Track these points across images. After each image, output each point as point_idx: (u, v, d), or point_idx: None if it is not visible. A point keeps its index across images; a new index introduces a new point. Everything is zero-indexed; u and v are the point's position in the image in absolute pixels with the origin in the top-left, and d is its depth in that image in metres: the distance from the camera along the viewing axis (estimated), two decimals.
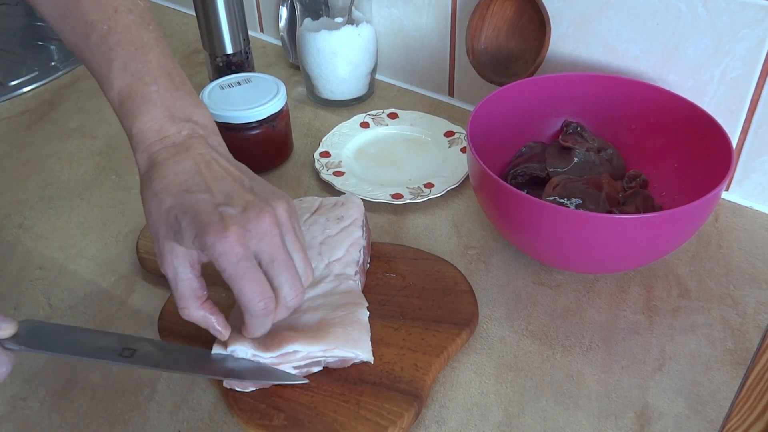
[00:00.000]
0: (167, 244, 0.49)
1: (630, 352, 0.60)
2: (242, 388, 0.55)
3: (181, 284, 0.50)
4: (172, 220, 0.48)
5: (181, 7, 1.23)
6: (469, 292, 0.64)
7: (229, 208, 0.48)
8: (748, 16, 0.67)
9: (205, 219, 0.47)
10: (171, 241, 0.49)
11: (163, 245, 0.49)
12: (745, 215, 0.74)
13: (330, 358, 0.55)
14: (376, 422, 0.53)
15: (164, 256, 0.49)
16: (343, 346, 0.54)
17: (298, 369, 0.55)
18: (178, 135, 0.51)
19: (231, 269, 0.47)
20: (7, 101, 0.99)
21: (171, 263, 0.49)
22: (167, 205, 0.48)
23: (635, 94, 0.72)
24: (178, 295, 0.50)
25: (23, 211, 0.79)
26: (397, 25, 0.94)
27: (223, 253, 0.46)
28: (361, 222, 0.64)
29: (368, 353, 0.55)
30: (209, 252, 0.46)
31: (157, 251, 0.50)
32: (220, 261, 0.46)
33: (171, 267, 0.49)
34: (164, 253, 0.49)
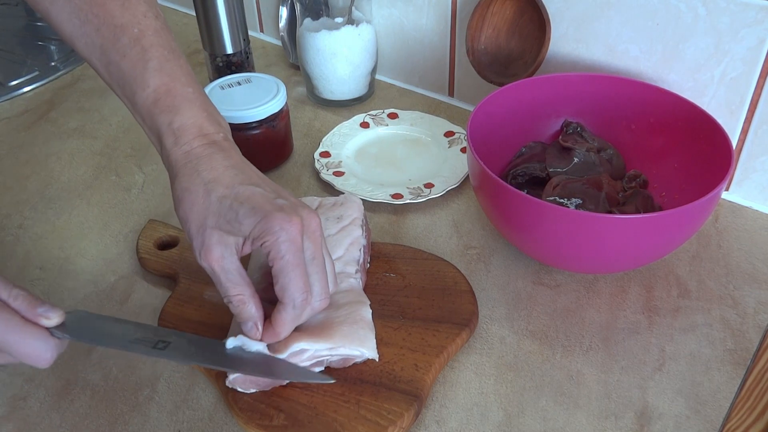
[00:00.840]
0: (215, 234, 0.49)
1: (630, 352, 0.60)
2: (244, 389, 0.55)
3: (232, 273, 0.50)
4: (225, 208, 0.49)
5: (181, 7, 1.23)
6: (469, 291, 0.64)
7: (284, 201, 0.50)
8: (748, 16, 0.67)
9: (267, 207, 0.49)
10: (219, 231, 0.50)
11: (210, 235, 0.50)
12: (745, 215, 0.74)
13: (334, 357, 0.55)
14: (376, 422, 0.53)
15: (211, 246, 0.49)
16: (350, 344, 0.54)
17: None
18: (216, 135, 0.53)
19: (289, 256, 0.49)
20: (7, 101, 0.99)
21: (220, 253, 0.50)
22: (220, 194, 0.50)
23: (635, 94, 0.72)
24: (232, 283, 0.50)
25: (23, 211, 0.79)
26: (397, 25, 0.94)
27: (286, 241, 0.48)
28: (360, 221, 0.64)
29: (373, 351, 0.55)
30: (270, 238, 0.48)
31: (200, 242, 0.50)
32: (282, 247, 0.48)
33: (220, 256, 0.50)
34: (211, 243, 0.49)
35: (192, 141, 0.52)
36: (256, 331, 0.52)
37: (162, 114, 0.52)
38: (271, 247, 0.49)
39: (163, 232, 0.72)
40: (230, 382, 0.54)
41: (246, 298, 0.51)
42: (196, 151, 0.52)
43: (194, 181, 0.51)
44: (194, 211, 0.50)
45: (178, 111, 0.52)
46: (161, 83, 0.53)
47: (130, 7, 0.54)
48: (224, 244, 0.50)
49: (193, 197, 0.50)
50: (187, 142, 0.52)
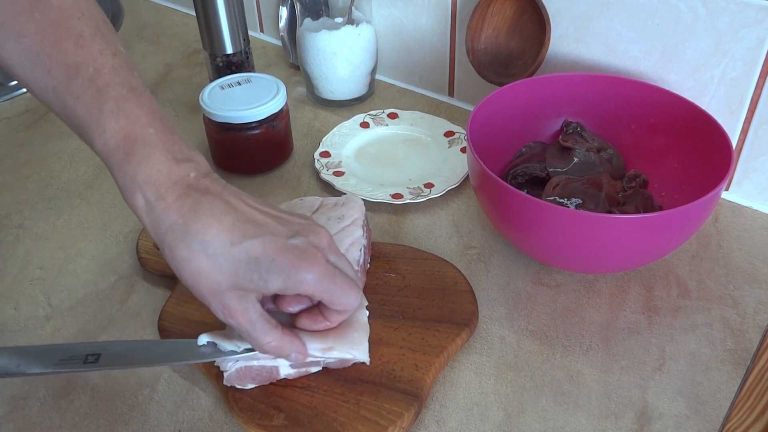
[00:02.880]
0: (234, 294, 0.48)
1: (630, 352, 0.60)
2: (242, 385, 0.55)
3: (260, 323, 0.49)
4: (241, 271, 0.47)
5: (181, 7, 1.23)
6: (468, 291, 0.64)
7: (297, 239, 0.49)
8: (748, 16, 0.67)
9: (286, 259, 0.47)
10: (238, 291, 0.48)
11: (229, 297, 0.47)
12: (745, 215, 0.74)
13: (329, 359, 0.55)
14: (376, 422, 0.53)
15: (233, 307, 0.48)
16: (341, 346, 0.54)
17: (296, 369, 0.55)
18: (188, 177, 0.48)
19: (331, 286, 0.49)
20: (7, 101, 0.99)
21: (246, 310, 0.48)
22: (229, 258, 0.46)
23: (635, 94, 0.72)
24: (262, 333, 0.49)
25: (23, 211, 0.79)
26: (397, 25, 0.94)
27: (321, 278, 0.48)
28: (361, 222, 0.64)
29: (365, 354, 0.55)
30: (307, 288, 0.48)
31: (219, 305, 0.48)
32: (321, 286, 0.49)
33: (244, 312, 0.48)
34: (232, 305, 0.48)
35: (165, 195, 0.47)
36: (302, 356, 0.53)
37: (123, 164, 0.47)
38: (312, 292, 0.49)
39: None
40: (227, 380, 0.54)
41: (278, 341, 0.50)
42: (174, 207, 0.46)
43: (190, 247, 0.46)
44: (203, 278, 0.47)
45: (140, 161, 0.47)
46: (119, 127, 0.47)
47: (85, 45, 0.48)
48: (246, 300, 0.48)
49: (196, 265, 0.47)
50: (161, 197, 0.47)
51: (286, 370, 0.55)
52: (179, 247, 0.47)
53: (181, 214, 0.46)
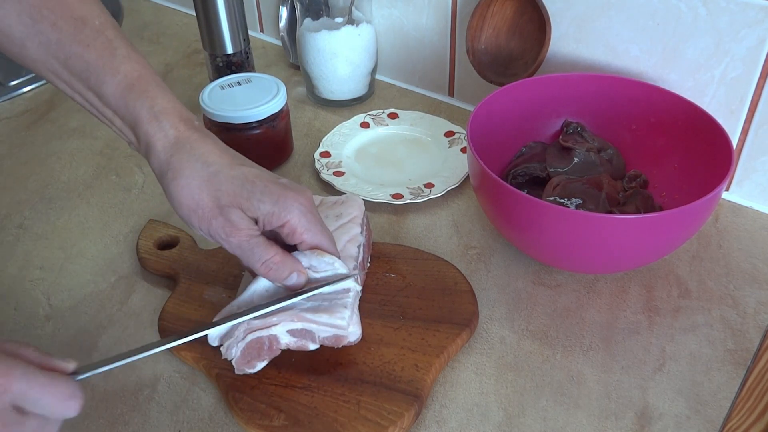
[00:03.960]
0: (235, 211, 0.51)
1: (630, 352, 0.60)
2: (252, 368, 0.55)
3: (262, 240, 0.52)
4: (238, 187, 0.51)
5: (181, 7, 1.23)
6: (469, 292, 0.64)
7: (285, 181, 0.54)
8: (748, 16, 0.67)
9: (276, 188, 0.52)
10: (237, 209, 0.52)
11: (231, 212, 0.51)
12: (745, 215, 0.74)
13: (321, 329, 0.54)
14: (376, 422, 0.53)
15: (237, 223, 0.51)
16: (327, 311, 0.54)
17: (293, 336, 0.55)
18: (195, 121, 0.54)
19: (312, 226, 0.53)
20: (7, 101, 0.99)
21: (248, 227, 0.52)
22: (228, 174, 0.51)
23: (635, 94, 0.72)
24: (264, 250, 0.52)
25: (23, 211, 0.79)
26: (397, 25, 0.94)
27: (306, 213, 0.53)
28: (360, 220, 0.64)
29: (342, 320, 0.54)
30: (292, 216, 0.52)
31: (222, 222, 0.51)
32: (304, 220, 0.53)
33: (249, 231, 0.52)
34: (236, 220, 0.51)
35: (177, 124, 0.52)
36: (303, 275, 0.54)
37: (139, 99, 0.52)
38: (296, 224, 0.52)
39: (163, 232, 0.72)
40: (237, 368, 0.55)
41: (281, 256, 0.53)
42: (185, 135, 0.52)
43: (194, 165, 0.51)
44: (205, 195, 0.51)
45: (156, 95, 0.52)
46: (132, 69, 0.52)
47: (87, 2, 0.53)
48: (246, 219, 0.52)
49: (199, 182, 0.51)
50: (172, 125, 0.52)
51: (286, 339, 0.55)
52: (185, 167, 0.51)
53: (189, 141, 0.52)
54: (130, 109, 0.52)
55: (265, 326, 0.54)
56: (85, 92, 0.53)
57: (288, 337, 0.55)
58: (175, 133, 0.52)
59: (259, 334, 0.54)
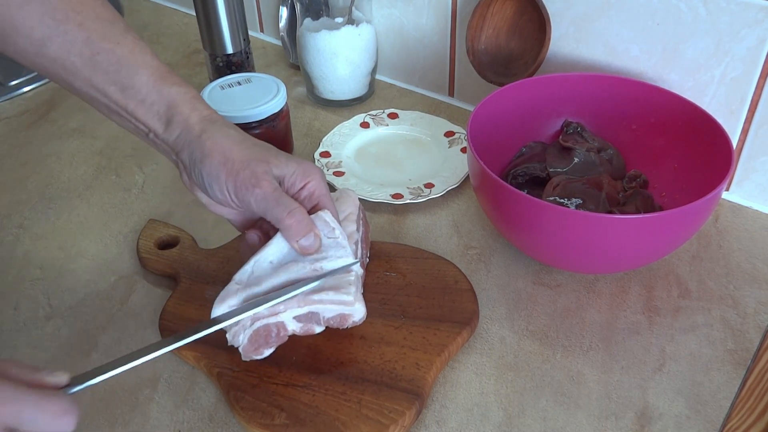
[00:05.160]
0: (261, 165, 0.55)
1: (630, 352, 0.60)
2: (259, 354, 0.55)
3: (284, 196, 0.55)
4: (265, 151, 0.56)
5: (181, 7, 1.23)
6: (469, 290, 0.64)
7: None
8: (748, 16, 0.67)
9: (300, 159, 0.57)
10: (265, 163, 0.55)
11: (257, 166, 0.55)
12: (745, 215, 0.74)
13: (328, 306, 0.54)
14: (377, 421, 0.53)
15: (262, 175, 0.54)
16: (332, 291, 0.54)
17: (300, 322, 0.55)
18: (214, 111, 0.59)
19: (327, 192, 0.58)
20: (7, 101, 0.99)
21: (271, 181, 0.55)
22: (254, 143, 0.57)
23: (635, 94, 0.72)
24: (287, 201, 0.54)
25: (23, 211, 0.79)
26: (397, 25, 0.94)
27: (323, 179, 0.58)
28: (355, 216, 0.64)
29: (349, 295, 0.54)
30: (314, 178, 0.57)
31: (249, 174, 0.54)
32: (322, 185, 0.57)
33: (272, 184, 0.55)
34: (260, 173, 0.55)
35: (209, 108, 0.57)
36: (317, 239, 0.56)
37: (174, 86, 0.56)
38: (315, 187, 0.57)
39: (163, 232, 0.72)
40: (244, 355, 0.55)
41: (302, 212, 0.55)
42: (217, 116, 0.57)
43: (227, 131, 0.56)
44: (236, 151, 0.55)
45: (187, 86, 0.57)
46: (160, 65, 0.57)
47: (109, 7, 0.57)
48: (270, 173, 0.55)
49: (232, 143, 0.55)
50: (206, 108, 0.57)
51: (292, 325, 0.55)
52: (218, 132, 0.55)
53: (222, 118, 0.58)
54: (164, 94, 0.56)
55: (272, 314, 0.54)
56: (105, 86, 0.55)
57: (295, 323, 0.55)
58: (209, 113, 0.57)
59: (266, 321, 0.54)
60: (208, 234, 0.74)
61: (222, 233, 0.73)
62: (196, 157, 0.55)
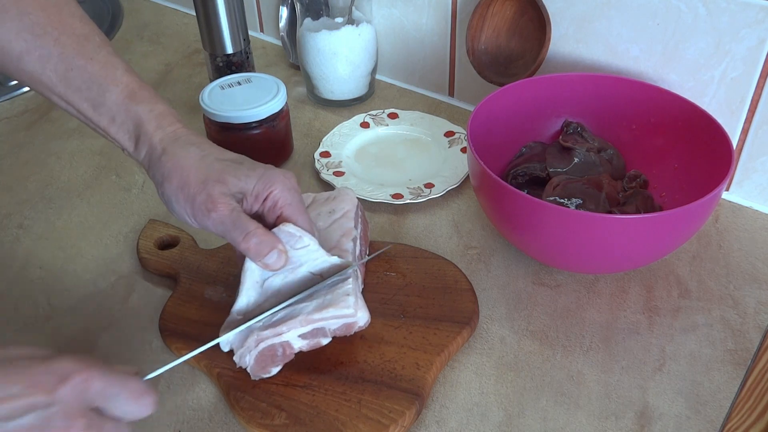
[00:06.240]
0: (218, 186, 0.54)
1: (630, 352, 0.60)
2: (267, 373, 0.55)
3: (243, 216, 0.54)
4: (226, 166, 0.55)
5: (181, 7, 1.23)
6: (469, 290, 0.64)
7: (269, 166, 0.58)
8: (748, 16, 0.67)
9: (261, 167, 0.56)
10: (221, 184, 0.54)
11: (213, 187, 0.54)
12: (745, 215, 0.74)
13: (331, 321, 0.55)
14: (377, 421, 0.53)
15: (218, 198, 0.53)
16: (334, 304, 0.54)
17: (305, 339, 0.55)
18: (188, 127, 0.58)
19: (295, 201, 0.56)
20: (7, 101, 0.99)
21: (228, 202, 0.54)
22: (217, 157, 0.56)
23: (635, 94, 0.72)
24: (245, 223, 0.53)
25: (23, 211, 0.79)
26: (397, 25, 0.94)
27: (290, 188, 0.56)
28: (353, 214, 0.64)
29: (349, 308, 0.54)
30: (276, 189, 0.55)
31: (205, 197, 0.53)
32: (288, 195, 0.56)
33: (229, 206, 0.54)
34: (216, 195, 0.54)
35: (175, 123, 0.57)
36: (283, 254, 0.55)
37: (141, 104, 0.56)
38: (279, 196, 0.55)
39: (163, 232, 0.72)
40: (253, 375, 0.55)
41: (262, 231, 0.54)
42: (182, 132, 0.56)
43: (188, 149, 0.55)
44: (193, 173, 0.54)
45: (155, 102, 0.57)
46: (132, 81, 0.56)
47: (88, 22, 0.57)
48: (229, 195, 0.54)
49: (190, 162, 0.54)
50: (171, 124, 0.56)
51: (298, 343, 0.55)
52: (178, 151, 0.55)
53: (187, 135, 0.56)
54: (132, 113, 0.56)
55: (276, 334, 0.54)
56: (78, 103, 0.56)
57: (300, 341, 0.55)
58: (173, 129, 0.56)
59: (270, 342, 0.54)
60: (208, 234, 0.73)
61: None
62: (157, 180, 0.56)
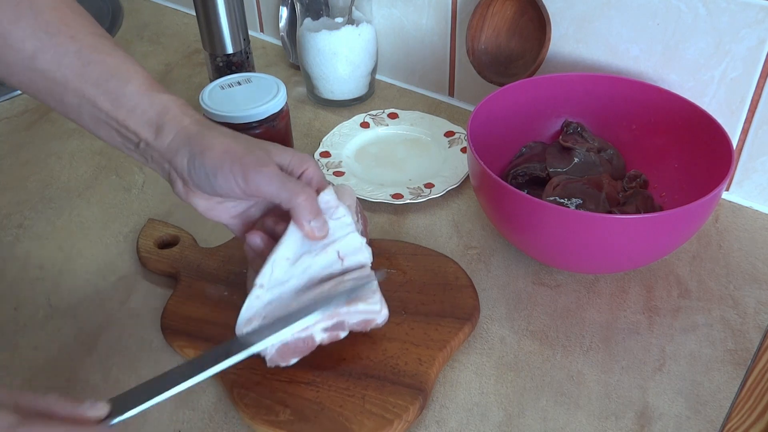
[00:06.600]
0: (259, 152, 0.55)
1: (630, 352, 0.60)
2: (286, 362, 0.55)
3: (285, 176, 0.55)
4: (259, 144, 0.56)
5: (181, 7, 1.23)
6: (469, 286, 0.64)
7: None
8: (748, 16, 0.67)
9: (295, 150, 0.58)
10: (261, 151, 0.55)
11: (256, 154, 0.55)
12: (745, 215, 0.74)
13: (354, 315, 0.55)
14: (381, 416, 0.53)
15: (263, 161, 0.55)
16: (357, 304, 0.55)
17: (327, 332, 0.55)
18: None
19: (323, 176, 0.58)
20: (7, 101, 0.99)
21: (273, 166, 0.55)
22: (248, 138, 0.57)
23: (635, 94, 0.72)
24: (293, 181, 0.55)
25: (23, 211, 0.79)
26: (397, 25, 0.94)
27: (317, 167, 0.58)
28: (354, 209, 0.64)
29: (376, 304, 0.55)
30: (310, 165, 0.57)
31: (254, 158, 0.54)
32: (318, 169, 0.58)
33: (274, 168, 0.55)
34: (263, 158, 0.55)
35: (197, 114, 0.57)
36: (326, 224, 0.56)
37: (164, 93, 0.57)
38: (313, 174, 0.57)
39: (163, 231, 0.72)
40: (270, 361, 0.54)
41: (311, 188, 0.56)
42: (209, 122, 0.57)
43: (222, 129, 0.57)
44: (234, 142, 0.55)
45: (173, 94, 0.57)
46: (150, 76, 0.57)
47: (98, 25, 0.58)
48: (269, 160, 0.55)
49: (229, 138, 0.56)
50: (197, 114, 0.57)
51: (320, 336, 0.55)
52: (214, 129, 0.56)
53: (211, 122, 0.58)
54: (155, 101, 0.56)
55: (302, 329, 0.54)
56: (95, 96, 0.55)
57: (322, 334, 0.55)
58: (200, 118, 0.57)
59: (296, 336, 0.54)
60: (208, 233, 0.74)
61: (222, 232, 0.73)
62: (195, 152, 0.55)
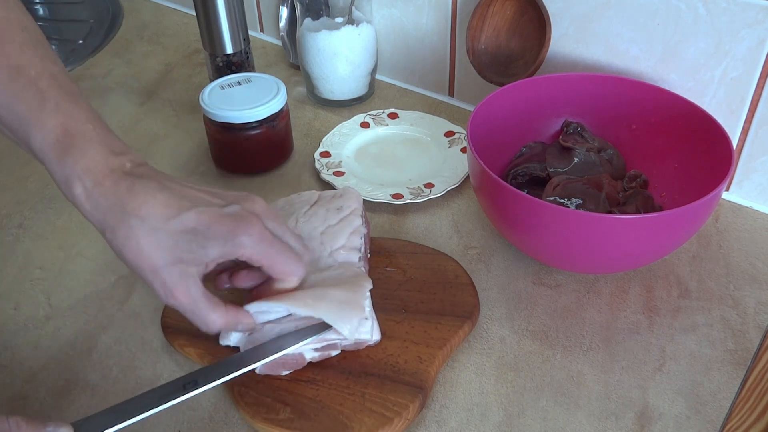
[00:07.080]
0: (175, 270, 0.49)
1: (630, 352, 0.60)
2: (276, 373, 0.55)
3: (202, 302, 0.50)
4: (180, 242, 0.48)
5: (181, 7, 1.23)
6: (469, 284, 0.64)
7: (231, 207, 0.51)
8: (749, 16, 0.67)
9: (222, 225, 0.49)
10: (179, 265, 0.49)
11: (170, 273, 0.49)
12: (745, 215, 0.74)
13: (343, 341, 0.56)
14: (381, 414, 0.53)
15: (175, 285, 0.49)
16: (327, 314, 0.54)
17: (318, 351, 0.56)
18: (124, 166, 0.50)
19: (267, 250, 0.51)
20: None
21: (185, 288, 0.49)
22: (166, 230, 0.48)
23: (635, 94, 0.72)
24: (206, 311, 0.50)
25: (23, 211, 0.79)
26: (397, 25, 0.94)
27: (258, 242, 0.50)
28: (360, 212, 0.65)
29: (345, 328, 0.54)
30: (244, 251, 0.50)
31: (161, 284, 0.49)
32: (257, 249, 0.50)
33: (186, 292, 0.49)
34: (174, 282, 0.49)
35: (103, 181, 0.49)
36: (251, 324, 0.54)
37: (62, 156, 0.49)
38: (249, 256, 0.51)
39: None
40: (259, 371, 0.55)
41: (224, 317, 0.51)
42: (111, 190, 0.49)
43: (129, 225, 0.48)
44: (144, 255, 0.48)
45: (80, 153, 0.49)
46: (58, 123, 0.49)
47: (27, 51, 0.51)
48: (187, 277, 0.49)
49: (136, 243, 0.48)
50: (98, 183, 0.49)
51: (311, 354, 0.56)
52: (118, 228, 0.48)
53: (118, 196, 0.48)
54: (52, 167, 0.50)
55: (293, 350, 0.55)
56: (20, 143, 0.51)
57: (313, 352, 0.56)
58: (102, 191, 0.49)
59: (284, 353, 0.54)
60: None
61: None
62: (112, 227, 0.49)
